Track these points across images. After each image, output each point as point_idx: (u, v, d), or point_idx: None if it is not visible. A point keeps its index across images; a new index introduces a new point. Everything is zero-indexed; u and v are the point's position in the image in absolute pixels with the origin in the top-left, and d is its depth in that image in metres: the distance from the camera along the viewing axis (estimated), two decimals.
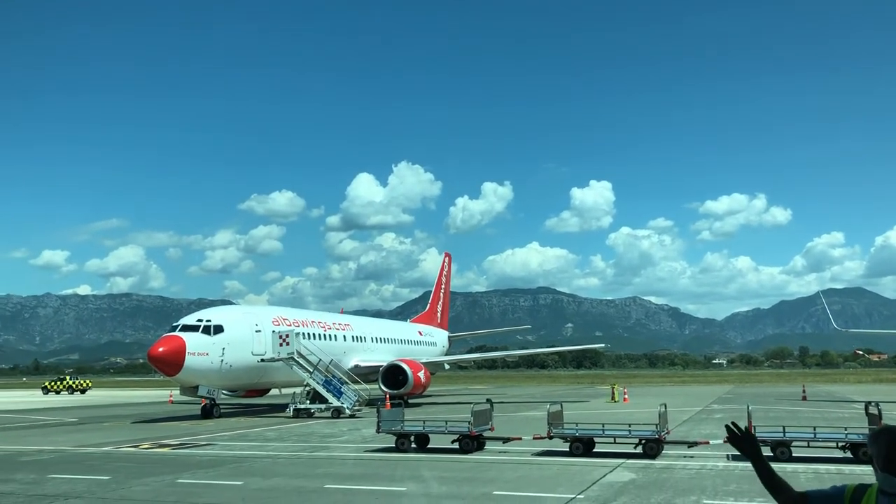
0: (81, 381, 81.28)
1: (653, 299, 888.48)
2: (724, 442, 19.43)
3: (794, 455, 16.98)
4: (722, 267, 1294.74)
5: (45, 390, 77.48)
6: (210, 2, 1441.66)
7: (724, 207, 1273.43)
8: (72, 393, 75.57)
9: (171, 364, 32.38)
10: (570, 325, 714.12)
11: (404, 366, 42.04)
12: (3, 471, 17.45)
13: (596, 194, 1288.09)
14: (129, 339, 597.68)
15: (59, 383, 79.07)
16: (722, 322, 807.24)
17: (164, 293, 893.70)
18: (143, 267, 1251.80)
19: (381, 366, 43.08)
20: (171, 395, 51.95)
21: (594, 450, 18.52)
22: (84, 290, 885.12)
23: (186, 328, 33.82)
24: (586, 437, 18.60)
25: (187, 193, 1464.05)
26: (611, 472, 15.74)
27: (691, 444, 18.88)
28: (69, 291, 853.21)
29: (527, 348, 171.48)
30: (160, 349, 32.49)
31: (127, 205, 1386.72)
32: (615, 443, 18.66)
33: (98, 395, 69.08)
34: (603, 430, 18.61)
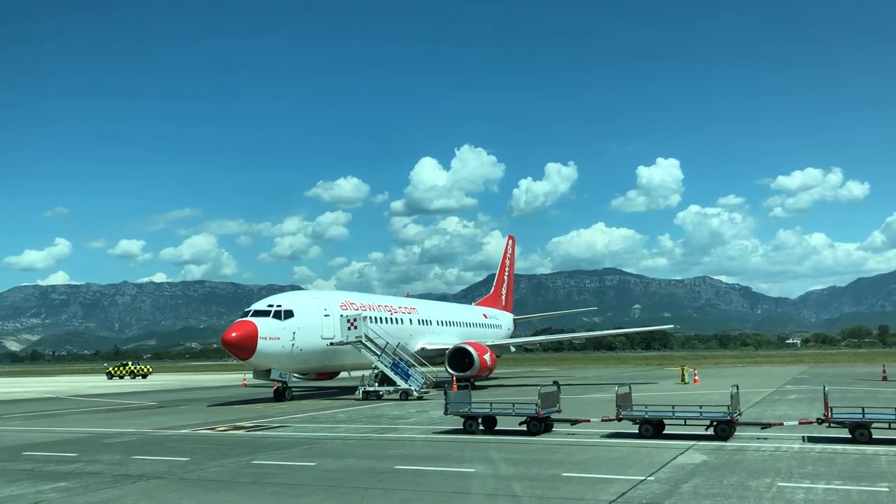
0: (142, 367, 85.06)
1: (723, 279, 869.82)
2: (800, 424, 19.02)
3: (874, 437, 16.47)
4: (795, 244, 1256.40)
5: (109, 375, 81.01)
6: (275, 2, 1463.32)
7: (798, 183, 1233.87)
8: (133, 378, 78.83)
9: (244, 348, 33.28)
10: (637, 306, 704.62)
11: (470, 348, 42.22)
12: (89, 452, 18.29)
13: (663, 172, 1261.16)
14: (203, 325, 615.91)
15: (122, 368, 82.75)
16: (796, 301, 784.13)
17: (236, 279, 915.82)
18: (216, 254, 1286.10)
19: (446, 348, 43.36)
20: (244, 379, 53.38)
21: (664, 432, 18.31)
22: (159, 277, 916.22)
23: (258, 313, 34.65)
24: (656, 418, 18.39)
25: (256, 182, 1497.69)
26: (681, 454, 15.55)
27: (765, 426, 18.45)
28: (145, 279, 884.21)
29: (593, 330, 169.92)
30: (233, 334, 33.40)
31: (199, 194, 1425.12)
32: (685, 425, 18.38)
33: (160, 380, 71.34)
34: (673, 412, 18.35)
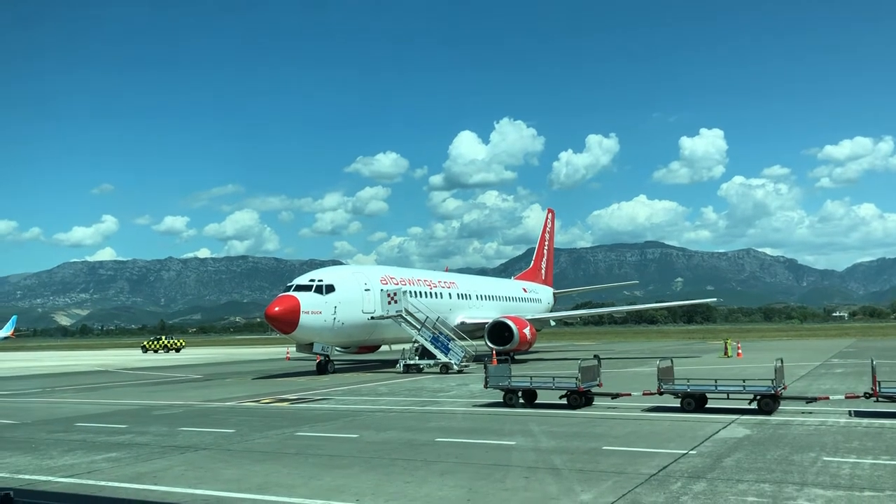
0: (175, 341, 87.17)
1: (768, 251, 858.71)
2: (846, 398, 18.71)
3: None
4: (843, 215, 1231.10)
5: (144, 349, 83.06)
6: None
7: (847, 152, 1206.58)
8: (167, 352, 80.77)
9: (287, 322, 33.76)
10: (679, 279, 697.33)
11: (510, 322, 42.24)
12: (138, 423, 18.79)
13: (707, 143, 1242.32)
14: (247, 300, 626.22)
15: (155, 342, 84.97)
16: (843, 273, 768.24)
17: (278, 255, 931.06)
18: (258, 230, 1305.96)
19: (486, 322, 43.46)
20: (287, 352, 54.20)
21: (706, 406, 18.16)
22: (203, 253, 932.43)
23: (300, 288, 35.08)
24: (698, 392, 18.23)
25: (297, 158, 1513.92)
26: (724, 427, 15.42)
27: (810, 400, 18.17)
28: (190, 255, 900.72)
29: (634, 304, 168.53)
30: (276, 308, 33.88)
31: (242, 171, 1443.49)
32: (728, 399, 18.19)
33: (193, 354, 72.67)
34: (716, 386, 18.17)
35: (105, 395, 27.80)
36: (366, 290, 36.89)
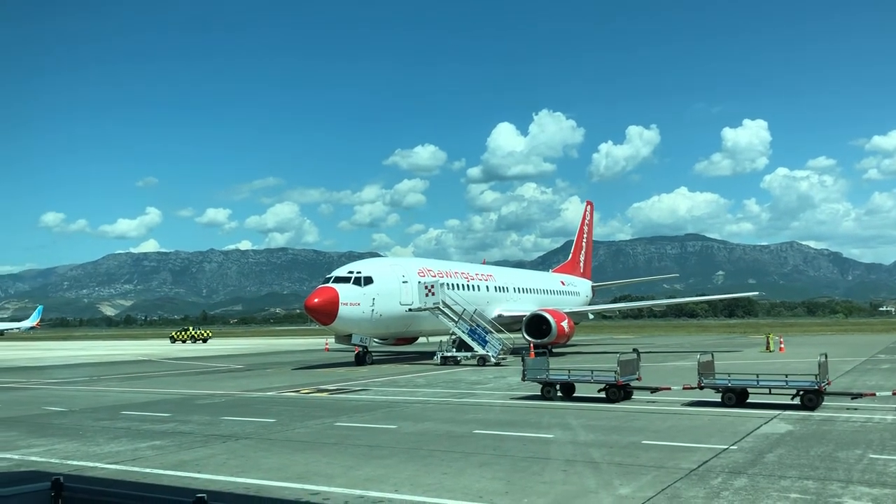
0: (202, 331, 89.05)
1: (812, 244, 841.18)
2: (893, 394, 18.30)
3: None
4: (892, 207, 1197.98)
5: (172, 339, 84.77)
6: None
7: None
8: (194, 342, 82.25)
9: (326, 314, 34.09)
10: (720, 272, 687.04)
11: (547, 315, 42.07)
12: (181, 412, 19.15)
13: (750, 134, 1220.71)
14: (287, 291, 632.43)
15: (183, 333, 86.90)
16: (890, 267, 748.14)
17: (317, 247, 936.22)
18: (298, 222, 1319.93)
19: (524, 315, 43.33)
20: (326, 343, 54.71)
21: (747, 401, 17.92)
22: (244, 245, 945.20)
23: (339, 280, 35.37)
24: (739, 387, 17.99)
25: (336, 151, 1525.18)
26: (766, 423, 15.20)
27: (855, 396, 17.83)
28: (231, 247, 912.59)
29: (674, 297, 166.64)
30: (316, 300, 34.22)
31: (282, 164, 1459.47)
32: (770, 394, 17.93)
33: (220, 345, 73.63)
34: (757, 381, 17.90)
35: (149, 385, 28.36)
36: (403, 282, 37.05)
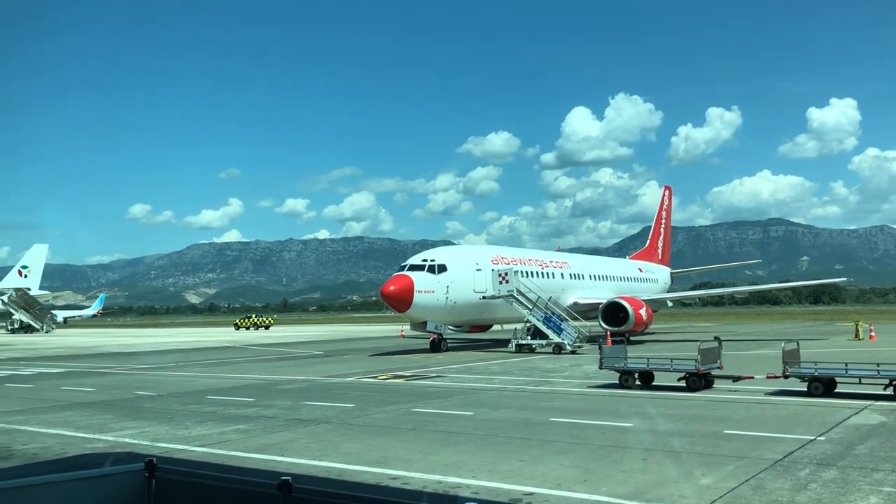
0: (265, 318, 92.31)
1: None
2: None
3: None
4: None
5: (237, 326, 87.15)
6: None
7: None
8: (257, 329, 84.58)
9: (401, 301, 34.50)
10: (805, 258, 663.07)
11: (624, 303, 41.47)
12: (264, 397, 19.68)
13: (838, 114, 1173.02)
14: (363, 279, 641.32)
15: (247, 320, 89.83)
16: None
17: (392, 235, 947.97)
18: (374, 211, 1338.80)
19: (600, 303, 42.82)
20: (402, 331, 55.29)
21: (835, 391, 17.29)
22: (322, 234, 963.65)
23: (414, 268, 35.70)
24: (826, 376, 17.37)
25: (410, 140, 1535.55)
26: (855, 414, 14.64)
27: None
28: (310, 236, 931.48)
29: (756, 284, 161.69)
30: (391, 288, 34.65)
31: (358, 154, 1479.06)
32: (860, 383, 17.23)
33: (282, 332, 74.72)
34: (846, 370, 17.25)
35: (232, 370, 29.23)
36: (477, 269, 37.09)
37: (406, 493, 6.82)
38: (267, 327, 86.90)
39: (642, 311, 41.73)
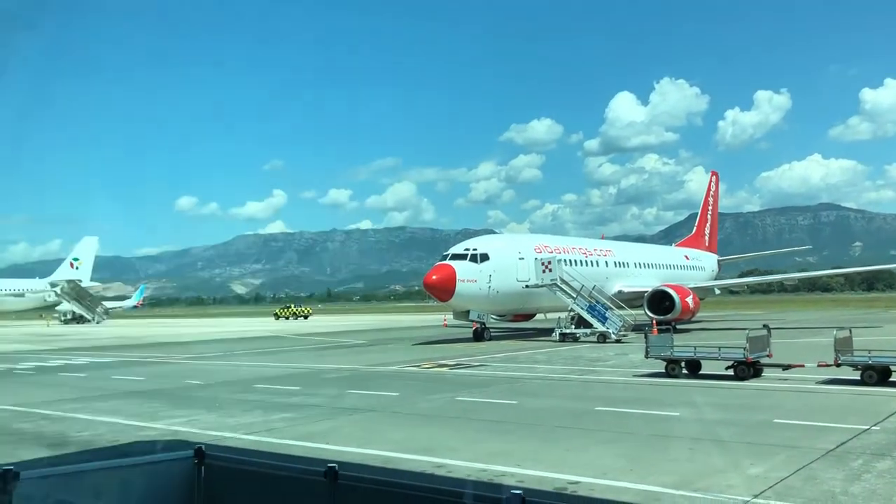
0: (304, 308, 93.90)
1: None
2: None
3: None
4: None
5: (276, 316, 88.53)
6: None
7: None
8: (296, 319, 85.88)
9: (444, 290, 34.56)
10: (858, 243, 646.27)
11: (670, 291, 40.96)
12: (310, 386, 19.91)
13: (893, 94, 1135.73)
14: (406, 269, 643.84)
15: (286, 310, 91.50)
16: None
17: (434, 225, 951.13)
18: (416, 201, 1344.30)
19: (645, 291, 42.36)
20: (445, 320, 55.41)
21: (890, 379, 16.85)
22: (365, 224, 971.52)
23: (456, 257, 35.72)
24: (881, 364, 16.93)
25: (451, 129, 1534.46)
26: None
27: None
28: (352, 226, 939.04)
29: (806, 271, 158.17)
30: (434, 277, 34.74)
31: (400, 144, 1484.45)
32: None
33: (321, 322, 75.37)
34: None
35: (278, 359, 29.62)
36: (520, 258, 36.95)
37: (451, 481, 6.82)
38: (306, 317, 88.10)
39: (689, 299, 41.18)
